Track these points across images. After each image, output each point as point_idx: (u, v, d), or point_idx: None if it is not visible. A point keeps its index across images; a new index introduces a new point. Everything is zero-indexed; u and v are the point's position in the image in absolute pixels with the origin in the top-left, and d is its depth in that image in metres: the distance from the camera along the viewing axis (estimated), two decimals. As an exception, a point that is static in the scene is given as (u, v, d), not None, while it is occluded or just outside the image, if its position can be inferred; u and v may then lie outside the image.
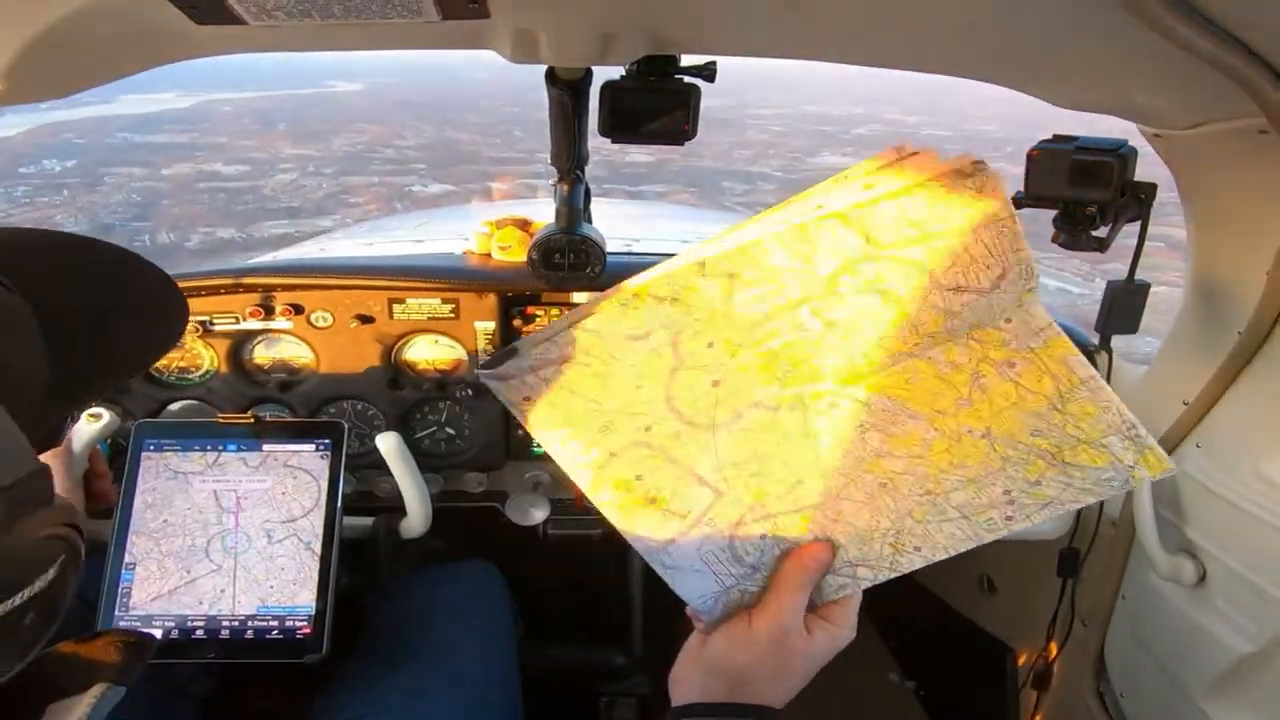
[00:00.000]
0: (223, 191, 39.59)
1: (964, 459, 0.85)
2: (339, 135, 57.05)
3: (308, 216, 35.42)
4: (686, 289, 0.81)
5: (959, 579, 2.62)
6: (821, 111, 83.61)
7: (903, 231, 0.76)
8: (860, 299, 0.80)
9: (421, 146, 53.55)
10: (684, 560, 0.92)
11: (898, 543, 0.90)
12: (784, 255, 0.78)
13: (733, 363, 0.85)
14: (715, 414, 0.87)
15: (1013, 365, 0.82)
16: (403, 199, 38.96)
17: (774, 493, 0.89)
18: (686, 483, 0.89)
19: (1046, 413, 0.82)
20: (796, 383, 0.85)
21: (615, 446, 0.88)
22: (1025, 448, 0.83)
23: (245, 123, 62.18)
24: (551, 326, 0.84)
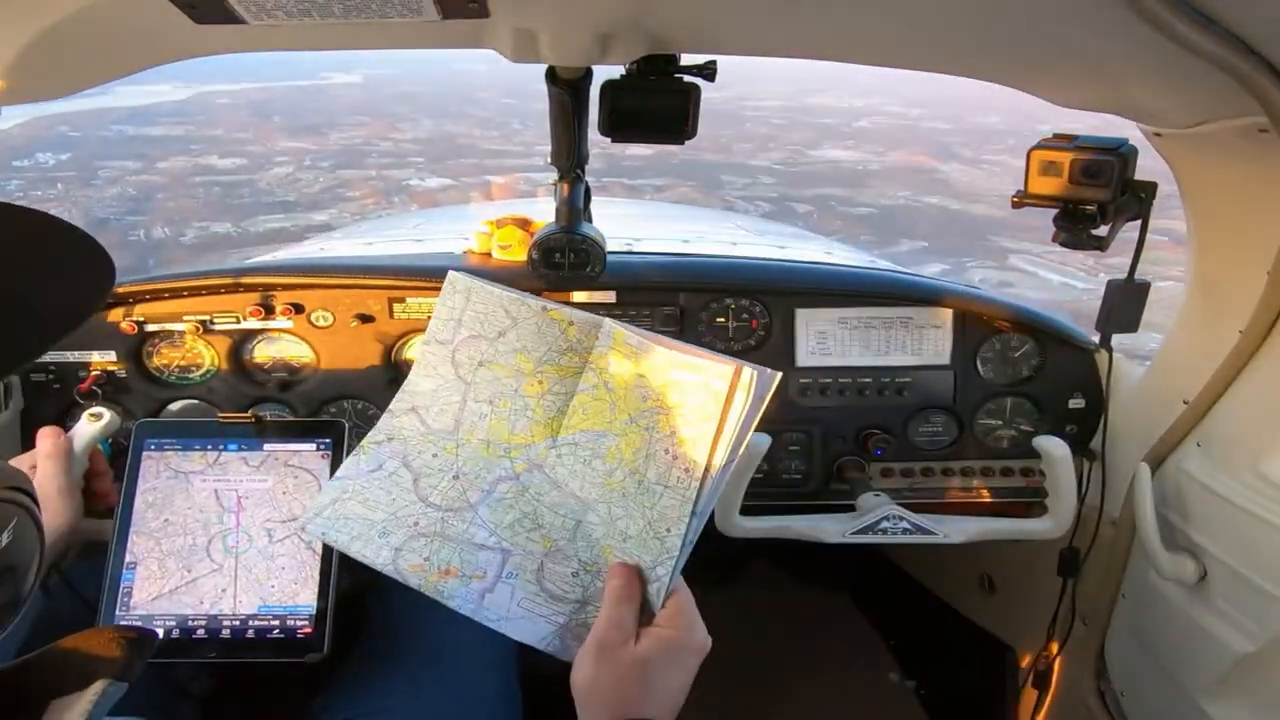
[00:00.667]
0: (218, 185, 39.48)
1: (635, 444, 1.06)
2: (336, 128, 56.92)
3: (303, 210, 35.32)
4: (395, 429, 1.20)
5: (959, 579, 2.64)
6: (822, 103, 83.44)
7: (447, 328, 1.20)
8: (480, 373, 1.18)
9: (419, 140, 53.42)
10: (504, 611, 1.07)
11: (656, 533, 1.03)
12: (428, 380, 1.21)
13: (459, 460, 1.16)
14: (468, 497, 1.14)
15: (611, 365, 1.10)
16: (400, 193, 38.87)
17: (562, 538, 1.10)
18: (470, 551, 1.10)
19: (639, 382, 1.06)
20: (517, 452, 1.15)
21: (397, 543, 1.11)
22: (647, 412, 1.05)
23: (241, 115, 62.03)
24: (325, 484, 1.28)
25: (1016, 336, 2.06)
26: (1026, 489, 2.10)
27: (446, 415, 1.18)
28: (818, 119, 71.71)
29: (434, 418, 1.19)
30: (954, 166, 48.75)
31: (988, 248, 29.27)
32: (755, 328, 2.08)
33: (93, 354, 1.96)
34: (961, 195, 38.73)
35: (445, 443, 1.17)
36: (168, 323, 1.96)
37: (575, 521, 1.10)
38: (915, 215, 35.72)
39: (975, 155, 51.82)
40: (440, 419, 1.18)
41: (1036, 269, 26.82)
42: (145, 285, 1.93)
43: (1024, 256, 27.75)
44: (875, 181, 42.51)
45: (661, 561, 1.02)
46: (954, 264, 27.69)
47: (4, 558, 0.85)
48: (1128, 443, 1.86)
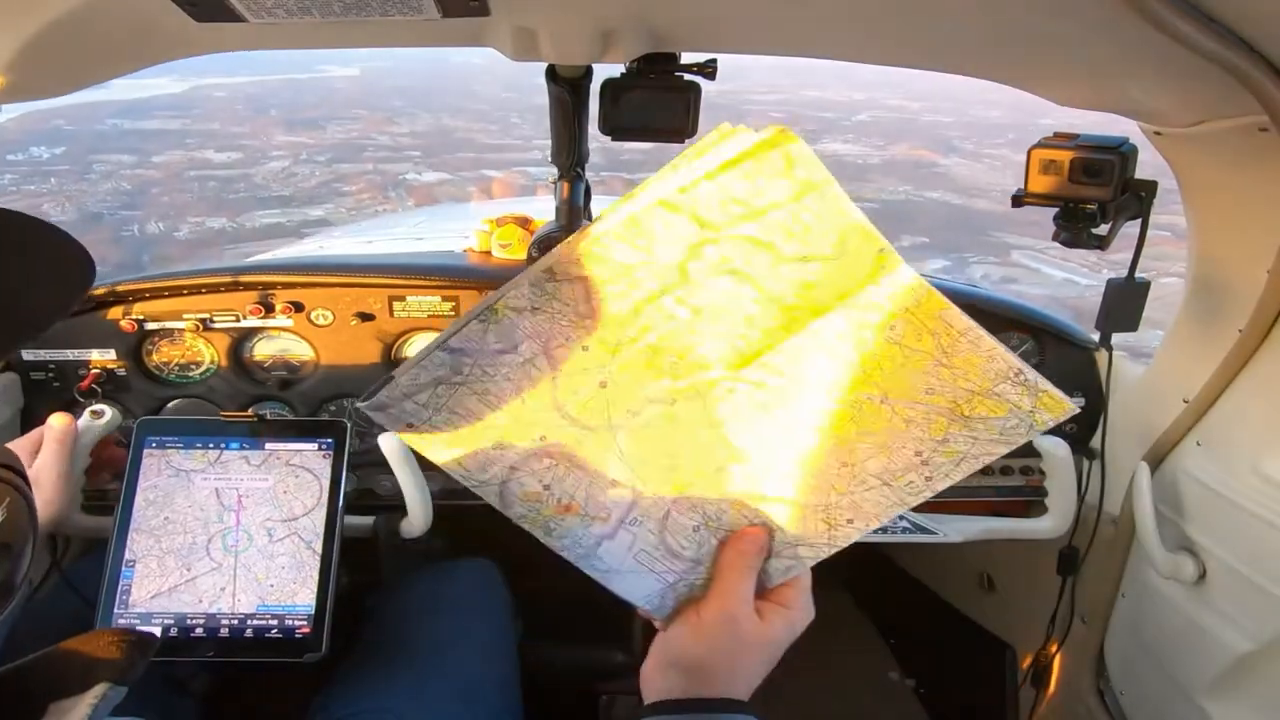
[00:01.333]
0: (213, 180, 39.42)
1: (869, 427, 0.86)
2: (333, 122, 56.83)
3: (299, 205, 35.27)
4: (543, 297, 0.82)
5: (959, 577, 2.64)
6: (822, 97, 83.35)
7: (729, 210, 0.78)
8: (715, 281, 0.82)
9: (416, 134, 53.36)
10: (617, 563, 0.93)
11: (829, 517, 0.91)
12: (626, 249, 0.80)
13: (614, 362, 0.85)
14: (610, 415, 0.88)
15: (893, 328, 0.82)
16: (396, 187, 38.82)
17: (696, 484, 0.90)
18: (599, 486, 0.90)
19: (934, 369, 0.83)
20: (687, 373, 0.86)
21: (514, 460, 0.88)
22: (924, 407, 0.85)
23: (238, 109, 61.93)
24: (421, 351, 0.84)
25: (1016, 335, 2.06)
26: (1026, 488, 2.09)
27: (623, 301, 0.83)
28: (817, 113, 71.58)
29: (608, 298, 0.83)
30: (955, 160, 48.67)
31: (990, 243, 29.25)
32: None
33: (92, 352, 1.96)
34: (963, 190, 38.68)
35: (607, 335, 0.84)
36: (167, 321, 1.97)
37: (715, 468, 0.90)
38: (916, 210, 35.67)
39: (977, 149, 51.73)
40: (614, 302, 0.83)
41: (1039, 265, 26.81)
42: (145, 284, 1.94)
43: (1026, 252, 27.73)
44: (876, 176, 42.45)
45: (812, 544, 0.94)
46: (955, 260, 27.68)
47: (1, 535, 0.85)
48: (1127, 441, 1.87)
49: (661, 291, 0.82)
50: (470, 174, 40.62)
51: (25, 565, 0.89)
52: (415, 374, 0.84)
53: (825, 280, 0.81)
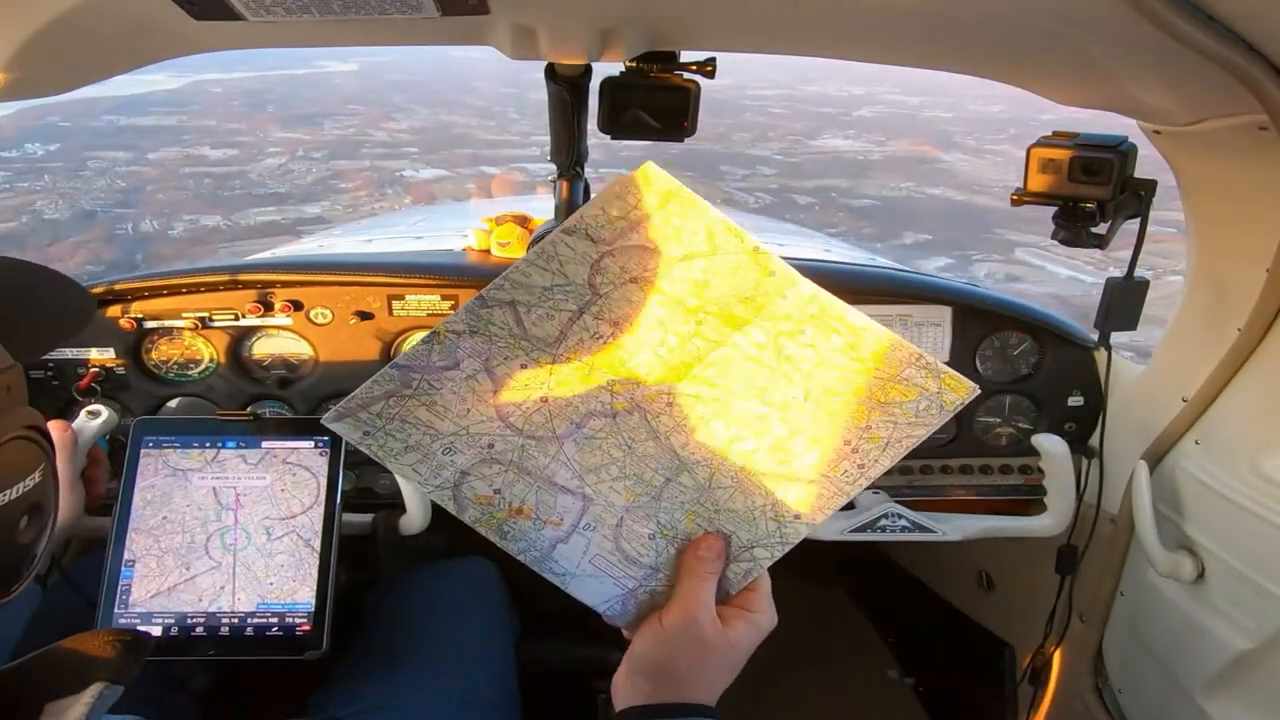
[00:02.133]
0: (209, 177, 39.31)
1: (799, 425, 0.95)
2: (330, 118, 56.72)
3: (295, 203, 35.20)
4: (481, 321, 0.95)
5: (957, 576, 2.65)
6: (821, 92, 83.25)
7: (615, 226, 0.92)
8: (621, 291, 0.94)
9: (414, 130, 53.27)
10: (573, 567, 0.98)
11: (777, 515, 0.97)
12: (542, 274, 0.94)
13: (551, 379, 0.96)
14: (554, 426, 0.96)
15: (803, 332, 0.94)
16: (393, 184, 38.74)
17: (646, 494, 0.98)
18: (549, 491, 0.97)
19: (846, 363, 0.94)
20: (623, 388, 0.96)
21: (464, 465, 0.96)
22: (843, 399, 0.95)
23: (235, 105, 61.83)
24: (377, 373, 0.96)
25: (1015, 334, 2.07)
26: (1025, 486, 2.11)
27: (551, 323, 0.95)
28: (817, 107, 71.55)
29: (535, 321, 0.95)
30: (956, 156, 48.66)
31: (993, 241, 29.22)
32: None
33: (91, 351, 1.97)
34: (965, 186, 38.63)
35: (540, 354, 0.95)
36: (166, 319, 1.97)
37: (664, 479, 0.98)
38: (918, 207, 35.64)
39: (978, 145, 51.72)
40: (542, 325, 0.95)
41: (1043, 263, 26.79)
42: (144, 282, 1.95)
43: (1029, 250, 27.71)
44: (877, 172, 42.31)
45: (766, 544, 0.98)
46: (958, 258, 27.66)
47: (34, 496, 0.88)
48: (1126, 440, 1.88)
49: (580, 310, 0.95)
50: (468, 170, 40.58)
51: (48, 535, 0.91)
52: (369, 388, 0.95)
53: (713, 278, 0.94)
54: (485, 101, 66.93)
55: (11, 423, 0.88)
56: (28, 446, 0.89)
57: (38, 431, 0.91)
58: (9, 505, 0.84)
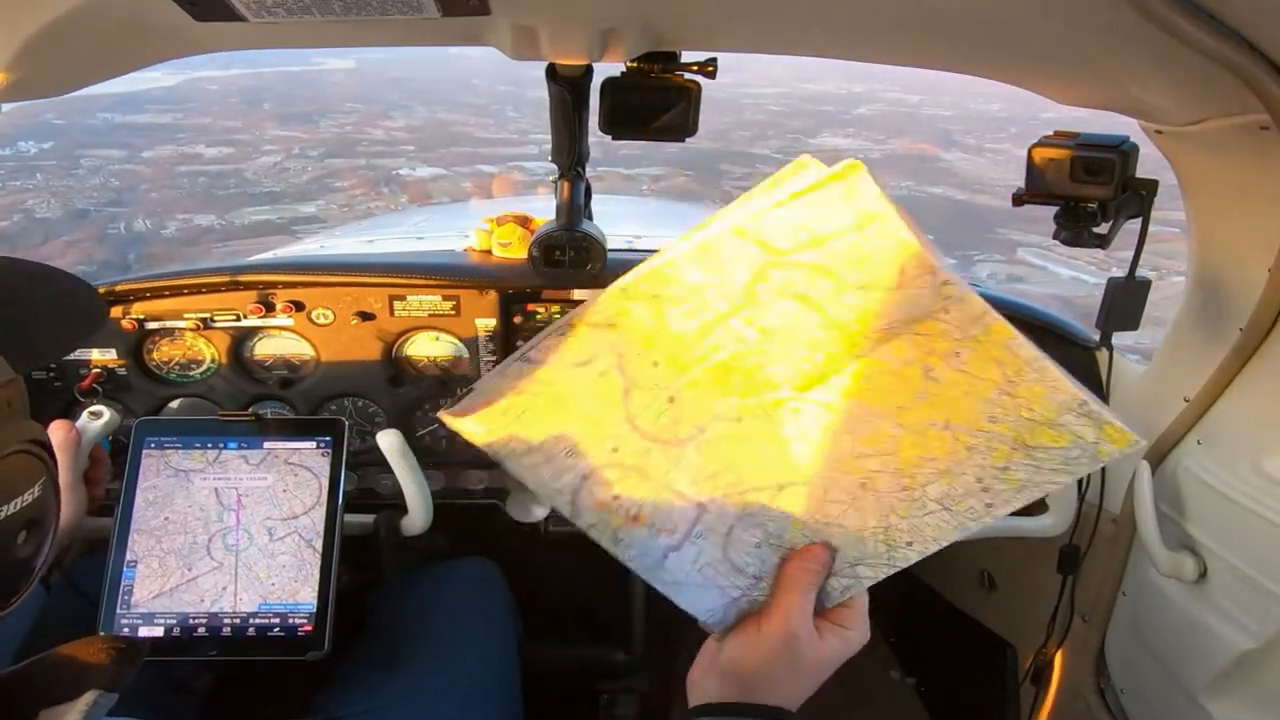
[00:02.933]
0: (203, 175, 39.20)
1: (931, 452, 0.89)
2: (326, 116, 56.60)
3: (290, 202, 35.12)
4: (619, 314, 0.88)
5: (959, 575, 2.66)
6: (819, 90, 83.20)
7: (795, 238, 0.82)
8: (781, 304, 0.86)
9: (412, 128, 53.17)
10: (683, 575, 0.95)
11: (889, 538, 0.93)
12: (697, 272, 0.85)
13: (683, 379, 0.90)
14: (678, 429, 0.91)
15: (958, 355, 0.85)
16: (390, 183, 38.66)
17: (758, 501, 0.93)
18: (667, 498, 0.93)
19: (998, 398, 0.85)
20: (754, 392, 0.90)
21: (586, 469, 0.91)
22: (987, 435, 0.87)
23: (231, 102, 61.69)
24: (503, 364, 0.90)
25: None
26: (1026, 486, 2.11)
27: (693, 320, 0.88)
28: (816, 106, 71.53)
29: (677, 317, 0.88)
30: (957, 155, 48.62)
31: (995, 241, 29.17)
32: None
33: (93, 351, 1.98)
34: (966, 185, 38.55)
35: (676, 352, 0.89)
36: (168, 320, 1.98)
37: (778, 487, 0.93)
38: (919, 206, 35.60)
39: (978, 143, 51.68)
40: (683, 321, 0.88)
41: (1046, 263, 26.74)
42: (145, 283, 1.96)
43: (1032, 250, 27.66)
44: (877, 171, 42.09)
45: (872, 564, 0.95)
46: (961, 258, 27.61)
47: (32, 510, 0.88)
48: (1128, 440, 1.88)
49: (730, 313, 0.86)
50: (465, 169, 40.47)
51: (47, 548, 0.92)
52: (497, 385, 0.89)
53: (888, 310, 0.83)
54: (483, 99, 66.86)
55: (11, 437, 0.87)
56: (28, 461, 0.90)
57: (39, 445, 0.91)
58: (8, 519, 0.85)
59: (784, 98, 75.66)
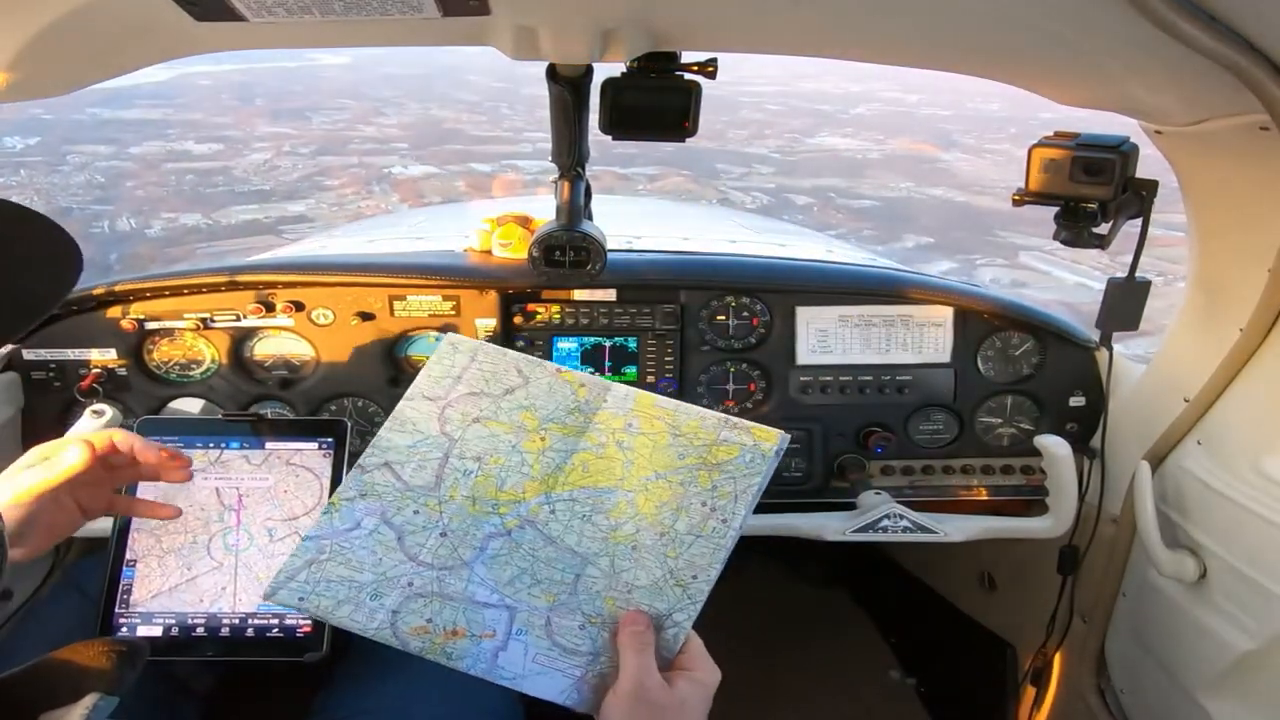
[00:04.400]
0: (191, 173, 38.89)
1: (661, 499, 1.14)
2: (319, 112, 56.33)
3: (279, 201, 34.86)
4: (366, 485, 1.17)
5: (959, 576, 2.69)
6: (817, 89, 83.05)
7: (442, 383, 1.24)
8: (470, 432, 1.20)
9: (405, 125, 52.95)
10: (520, 669, 1.08)
11: (678, 580, 1.11)
12: (402, 436, 1.21)
13: (444, 516, 1.15)
14: (460, 554, 1.13)
15: (631, 425, 1.19)
16: (381, 181, 38.48)
17: (563, 591, 1.12)
18: (474, 610, 1.10)
19: (674, 441, 1.17)
20: (507, 508, 1.16)
21: (393, 605, 1.10)
22: (685, 469, 1.15)
23: (223, 98, 61.39)
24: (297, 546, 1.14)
25: (1017, 334, 2.11)
26: (1027, 487, 2.14)
27: (425, 472, 1.19)
28: (814, 105, 71.42)
29: (411, 474, 1.19)
30: (956, 155, 48.56)
31: (997, 244, 29.04)
32: (756, 325, 2.13)
33: (92, 352, 1.99)
34: (966, 186, 38.43)
35: (427, 499, 1.17)
36: (168, 320, 2.00)
37: (574, 575, 1.13)
38: (919, 208, 35.43)
39: (978, 144, 51.63)
40: (419, 475, 1.18)
41: (1049, 268, 26.61)
42: (145, 283, 1.97)
43: (1035, 254, 27.54)
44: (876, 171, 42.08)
45: (682, 608, 1.10)
46: (962, 262, 27.49)
47: None
48: (1128, 440, 1.90)
49: (445, 457, 1.19)
50: (458, 167, 40.28)
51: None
52: (291, 561, 1.12)
53: (535, 402, 1.22)
54: (478, 96, 66.68)
55: None
56: None
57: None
58: None
59: (781, 96, 75.58)
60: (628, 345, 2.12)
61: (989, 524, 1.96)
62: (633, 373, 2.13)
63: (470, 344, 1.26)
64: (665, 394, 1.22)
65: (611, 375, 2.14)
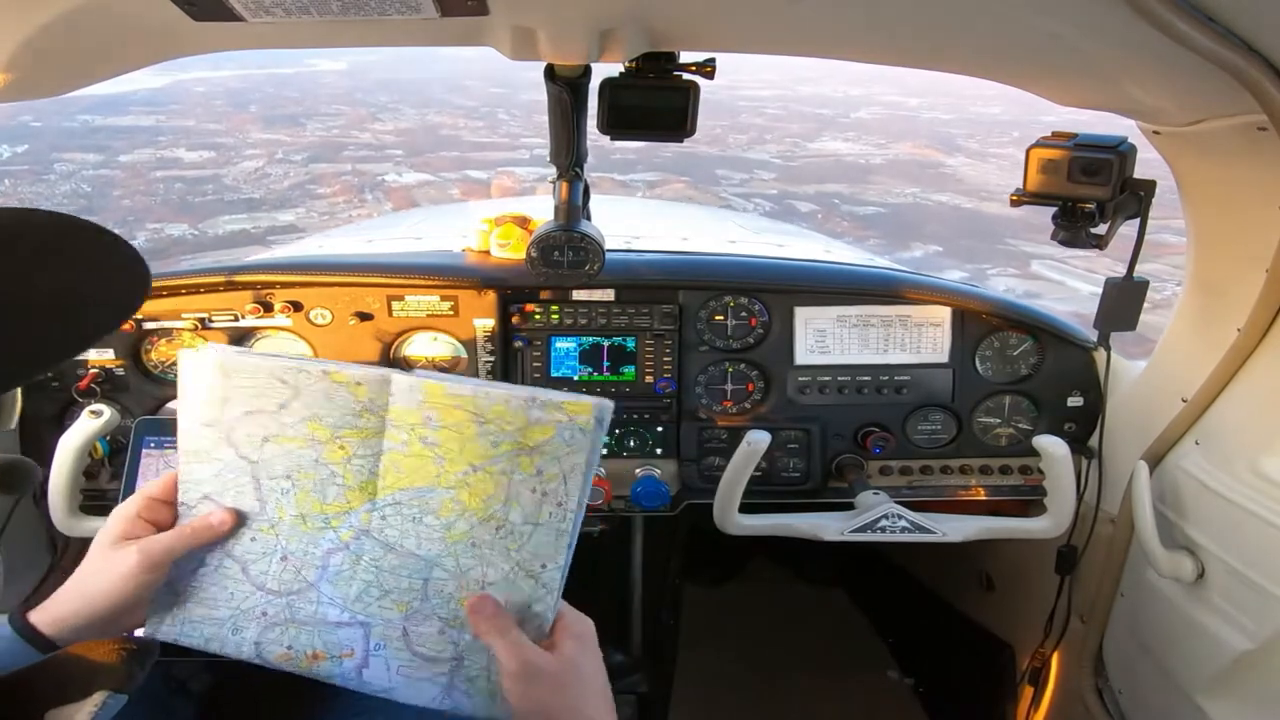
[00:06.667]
0: (180, 181, 38.61)
1: (486, 491, 1.06)
2: (313, 118, 56.17)
3: (268, 209, 34.61)
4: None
5: (958, 577, 2.71)
6: (817, 93, 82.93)
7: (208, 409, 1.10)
8: (265, 451, 1.10)
9: (400, 131, 52.81)
10: (386, 683, 1.10)
11: (528, 570, 1.07)
12: (204, 466, 1.11)
13: (280, 538, 1.11)
14: (304, 575, 1.11)
15: (429, 419, 1.06)
16: (374, 189, 38.28)
17: (414, 599, 1.10)
18: (328, 631, 1.10)
19: (482, 429, 1.05)
20: (337, 521, 1.10)
21: (254, 637, 1.11)
22: (503, 456, 1.05)
23: (217, 104, 61.20)
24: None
25: (1015, 335, 2.13)
26: (1025, 487, 2.17)
27: (246, 497, 1.12)
28: (814, 109, 71.31)
29: (233, 501, 1.12)
30: (960, 160, 48.44)
31: (1007, 252, 28.82)
32: (754, 325, 2.15)
33: (90, 351, 2.02)
34: (972, 192, 38.21)
35: (259, 524, 1.12)
36: (165, 320, 2.02)
37: (422, 580, 1.10)
38: (925, 214, 35.16)
39: (981, 148, 51.50)
40: (241, 501, 1.12)
41: (1062, 277, 26.42)
42: None
43: (1046, 262, 27.35)
44: (879, 177, 41.88)
45: (539, 598, 1.08)
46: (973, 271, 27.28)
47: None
48: (1126, 440, 1.93)
49: (255, 479, 1.11)
50: (453, 174, 40.07)
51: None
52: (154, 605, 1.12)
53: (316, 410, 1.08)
54: (474, 101, 66.53)
55: None
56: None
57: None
58: None
59: (780, 100, 75.46)
60: (626, 345, 2.14)
61: (987, 524, 1.97)
62: (631, 372, 2.15)
63: (217, 357, 1.09)
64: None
65: (610, 375, 2.16)
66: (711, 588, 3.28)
